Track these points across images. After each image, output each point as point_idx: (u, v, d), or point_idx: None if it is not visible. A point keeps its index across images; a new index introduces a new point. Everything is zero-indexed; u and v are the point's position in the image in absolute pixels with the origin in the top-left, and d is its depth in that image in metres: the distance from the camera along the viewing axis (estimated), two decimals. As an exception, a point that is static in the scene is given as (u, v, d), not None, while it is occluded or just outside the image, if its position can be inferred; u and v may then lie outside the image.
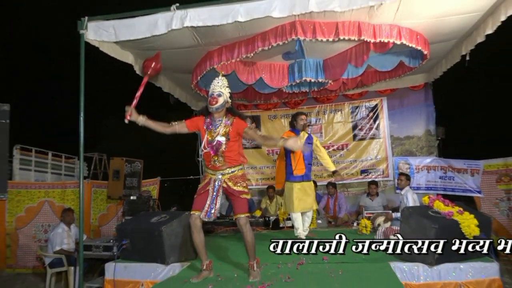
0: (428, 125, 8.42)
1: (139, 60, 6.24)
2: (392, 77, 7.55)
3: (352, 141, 8.82)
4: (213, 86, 3.72)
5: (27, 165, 8.38)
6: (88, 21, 5.00)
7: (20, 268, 7.25)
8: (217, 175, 3.70)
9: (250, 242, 3.68)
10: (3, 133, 4.27)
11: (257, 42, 5.39)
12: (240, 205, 3.71)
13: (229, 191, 3.70)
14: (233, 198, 3.73)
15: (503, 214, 6.75)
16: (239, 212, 3.68)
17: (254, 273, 3.64)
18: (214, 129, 3.68)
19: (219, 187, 3.69)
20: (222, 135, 3.64)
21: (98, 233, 7.97)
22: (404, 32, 5.42)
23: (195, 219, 3.70)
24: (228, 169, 3.69)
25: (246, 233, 3.67)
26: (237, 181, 3.70)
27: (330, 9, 4.45)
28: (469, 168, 7.22)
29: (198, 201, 3.73)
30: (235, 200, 3.72)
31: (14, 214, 7.39)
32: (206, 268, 3.79)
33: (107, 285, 4.19)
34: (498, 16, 4.84)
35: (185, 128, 3.82)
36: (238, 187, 3.68)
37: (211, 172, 3.75)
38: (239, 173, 3.75)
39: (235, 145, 3.71)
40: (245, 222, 3.66)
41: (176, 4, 4.75)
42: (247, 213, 3.74)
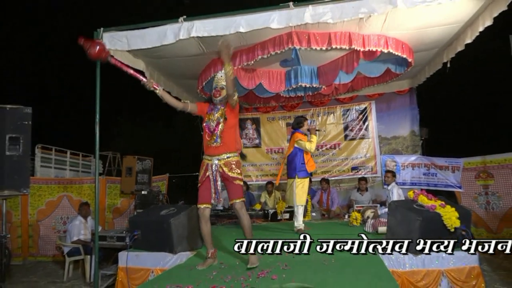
0: (412, 126, 8.42)
1: (150, 67, 6.25)
2: (380, 82, 7.54)
3: (343, 141, 8.81)
4: (217, 79, 3.74)
5: (47, 163, 8.37)
6: (104, 31, 5.00)
7: (41, 256, 7.25)
8: (213, 161, 3.65)
9: (247, 226, 3.63)
10: (26, 133, 4.26)
11: (257, 50, 5.39)
12: (235, 190, 3.64)
13: (224, 176, 3.63)
14: (228, 183, 3.66)
15: (481, 208, 6.74)
16: (234, 198, 3.63)
17: (253, 258, 3.57)
18: (214, 113, 3.70)
19: (216, 171, 3.64)
20: (219, 116, 3.66)
21: (112, 225, 7.97)
22: (391, 42, 5.42)
23: (203, 210, 3.68)
24: (223, 154, 3.64)
25: (242, 217, 3.61)
26: (231, 167, 3.63)
27: (323, 20, 4.45)
28: (450, 165, 7.22)
29: (203, 193, 3.70)
30: (230, 185, 3.65)
31: (35, 207, 7.39)
32: (211, 256, 3.77)
33: (120, 272, 4.19)
34: (477, 27, 4.84)
35: (195, 109, 3.81)
36: (232, 173, 3.61)
37: (208, 158, 3.70)
38: (233, 159, 3.67)
39: (232, 130, 3.70)
40: (240, 207, 3.61)
41: (183, 16, 4.75)
42: (242, 198, 3.65)
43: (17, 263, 6.96)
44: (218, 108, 3.71)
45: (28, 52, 21.75)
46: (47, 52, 21.60)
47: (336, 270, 3.36)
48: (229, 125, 3.66)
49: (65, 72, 21.60)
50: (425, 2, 4.19)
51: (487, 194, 6.73)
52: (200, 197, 3.72)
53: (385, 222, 4.68)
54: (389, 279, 3.09)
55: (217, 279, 3.27)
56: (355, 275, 3.20)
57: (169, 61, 5.98)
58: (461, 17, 4.95)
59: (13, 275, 6.11)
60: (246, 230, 3.65)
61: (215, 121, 3.65)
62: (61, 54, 21.39)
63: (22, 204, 7.28)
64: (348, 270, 3.34)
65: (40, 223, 7.36)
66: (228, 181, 3.65)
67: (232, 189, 3.66)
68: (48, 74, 21.92)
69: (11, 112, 4.19)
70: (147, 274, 4.10)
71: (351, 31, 5.17)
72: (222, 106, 3.72)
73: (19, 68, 21.31)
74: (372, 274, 3.20)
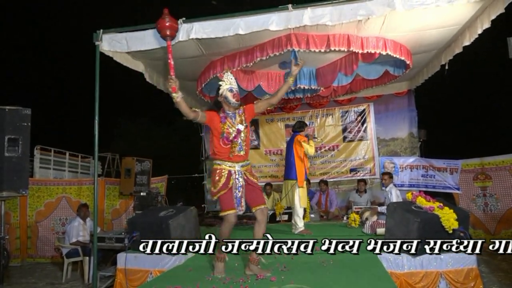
0: (411, 128, 8.44)
1: (149, 69, 6.25)
2: (378, 84, 7.55)
3: (342, 142, 8.82)
4: (232, 82, 3.49)
5: (46, 164, 8.35)
6: (103, 33, 4.99)
7: (40, 257, 7.23)
8: (236, 167, 3.43)
9: (265, 230, 3.49)
10: (25, 135, 4.25)
11: (256, 52, 5.40)
12: (260, 196, 3.57)
13: (249, 182, 3.49)
14: (253, 189, 3.50)
15: (479, 209, 6.74)
16: (262, 203, 3.50)
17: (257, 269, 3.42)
18: (232, 121, 3.44)
19: (242, 179, 3.45)
20: (239, 123, 3.45)
21: (110, 226, 7.95)
22: (389, 44, 5.43)
23: (233, 217, 3.43)
24: (246, 161, 3.52)
25: (264, 223, 3.46)
26: (252, 173, 3.57)
27: (322, 23, 4.46)
28: (448, 167, 7.22)
29: (229, 200, 3.41)
30: (255, 191, 3.52)
31: (34, 208, 7.37)
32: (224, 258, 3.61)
33: (119, 273, 4.19)
34: (475, 29, 4.86)
35: (204, 118, 3.44)
36: (255, 179, 3.55)
37: (229, 164, 3.42)
38: (250, 166, 3.62)
39: (248, 135, 3.57)
40: (266, 213, 3.54)
41: (182, 18, 4.75)
42: (265, 204, 3.58)
43: (15, 265, 6.93)
44: (235, 114, 3.48)
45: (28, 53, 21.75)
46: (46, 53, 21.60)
47: (335, 272, 3.36)
48: (248, 130, 3.53)
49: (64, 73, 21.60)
50: (423, 4, 4.20)
51: (485, 195, 6.73)
52: (226, 203, 3.42)
53: (383, 224, 4.68)
54: (388, 280, 3.09)
55: (215, 281, 3.27)
56: (353, 276, 3.20)
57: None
58: (459, 20, 4.97)
59: (11, 276, 6.09)
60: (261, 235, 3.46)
61: (235, 128, 3.42)
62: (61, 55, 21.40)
63: (20, 205, 7.26)
64: (346, 272, 3.34)
65: (38, 224, 7.34)
66: (253, 187, 3.51)
67: (258, 195, 3.54)
68: (47, 75, 21.91)
69: (10, 113, 4.19)
70: (145, 276, 4.09)
71: (349, 33, 5.18)
72: (239, 111, 3.51)
73: (18, 69, 21.31)
74: (371, 275, 3.20)
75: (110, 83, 7.27)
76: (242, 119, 3.48)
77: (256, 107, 3.54)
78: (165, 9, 4.08)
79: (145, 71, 6.10)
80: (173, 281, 3.33)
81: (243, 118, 3.48)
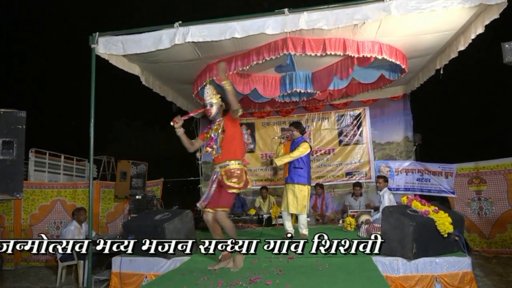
0: (406, 132, 8.46)
1: (145, 72, 6.24)
2: (374, 88, 7.58)
3: (338, 146, 8.83)
4: (205, 97, 3.86)
5: (41, 167, 8.29)
6: (99, 36, 4.99)
7: (34, 261, 7.16)
8: (216, 168, 3.78)
9: (230, 233, 3.69)
10: (20, 137, 4.23)
11: (252, 56, 5.41)
12: (223, 198, 3.69)
13: (221, 183, 3.72)
14: (220, 190, 3.73)
15: (474, 213, 6.77)
16: (218, 205, 3.67)
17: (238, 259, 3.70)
18: (212, 128, 3.86)
19: (215, 178, 3.77)
20: (216, 129, 3.79)
21: (106, 230, 7.91)
22: (385, 48, 5.46)
23: (205, 213, 3.77)
24: (225, 162, 3.71)
25: (223, 225, 3.70)
26: (230, 176, 3.67)
27: (318, 27, 4.49)
28: (443, 171, 7.25)
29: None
30: (221, 192, 3.71)
31: (28, 212, 7.32)
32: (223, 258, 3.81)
33: (113, 277, 4.16)
34: (469, 34, 4.90)
35: (201, 141, 3.96)
36: (229, 181, 3.65)
37: (214, 166, 3.84)
38: (234, 167, 3.71)
39: (233, 137, 3.75)
40: (221, 216, 3.65)
41: (179, 21, 4.76)
42: (226, 208, 3.69)
43: (9, 268, 6.87)
44: (214, 123, 3.86)
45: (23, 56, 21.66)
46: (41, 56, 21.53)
47: (330, 275, 3.36)
48: (228, 134, 3.73)
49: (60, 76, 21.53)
50: (418, 9, 4.24)
51: (480, 199, 6.76)
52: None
53: (379, 228, 4.68)
54: (383, 284, 3.09)
55: (209, 285, 3.25)
56: (349, 280, 3.20)
57: (164, 66, 5.98)
58: (454, 25, 5.01)
59: (5, 280, 6.04)
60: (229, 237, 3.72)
61: (213, 134, 3.79)
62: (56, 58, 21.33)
63: (15, 209, 7.21)
64: (342, 275, 3.34)
65: (33, 228, 7.28)
66: (222, 188, 3.72)
67: (221, 196, 3.70)
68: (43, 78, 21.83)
69: (5, 116, 4.16)
70: (140, 280, 4.07)
71: (345, 38, 5.20)
72: (219, 119, 3.85)
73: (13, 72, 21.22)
74: (366, 279, 3.20)
75: (106, 86, 7.25)
76: (220, 125, 3.80)
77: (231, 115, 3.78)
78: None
79: (141, 74, 6.09)
80: (168, 285, 3.32)
81: (221, 125, 3.79)
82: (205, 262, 3.95)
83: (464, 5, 4.24)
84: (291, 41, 5.05)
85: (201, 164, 9.42)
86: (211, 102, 3.80)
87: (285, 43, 5.06)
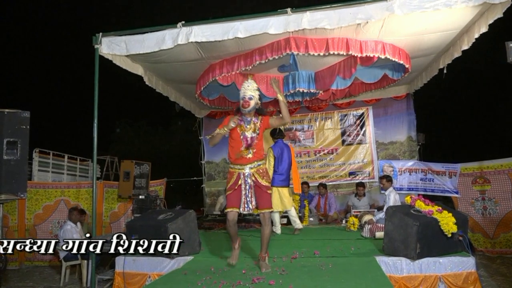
0: (409, 132, 8.44)
1: (148, 72, 6.25)
2: (377, 88, 7.57)
3: (341, 146, 8.82)
4: (244, 90, 3.72)
5: (45, 167, 8.33)
6: (102, 36, 5.00)
7: (38, 261, 7.20)
8: (245, 169, 3.68)
9: (268, 236, 3.70)
10: (24, 138, 4.24)
11: (255, 56, 5.41)
12: (267, 200, 3.69)
13: (257, 184, 3.68)
14: (260, 192, 3.69)
15: (478, 213, 6.74)
16: (265, 207, 3.67)
17: (265, 265, 3.67)
18: (245, 126, 3.71)
19: (250, 180, 3.69)
20: (253, 131, 3.69)
21: (109, 229, 7.93)
22: (388, 48, 5.44)
23: (233, 215, 3.70)
24: (255, 162, 3.69)
25: (267, 227, 3.68)
26: (263, 175, 3.70)
27: (321, 26, 4.48)
28: (447, 170, 7.22)
29: (233, 199, 3.70)
30: (262, 194, 3.69)
31: (32, 211, 7.36)
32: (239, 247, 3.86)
33: (117, 277, 4.17)
34: (473, 33, 4.88)
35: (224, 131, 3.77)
36: (264, 182, 3.68)
37: (239, 167, 3.70)
38: (264, 167, 3.75)
39: (261, 141, 3.75)
40: (268, 217, 3.68)
41: (182, 21, 4.76)
42: (272, 208, 3.75)
43: (13, 268, 6.91)
44: (249, 121, 3.72)
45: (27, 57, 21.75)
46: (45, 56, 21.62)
47: (334, 275, 3.35)
48: (260, 137, 3.72)
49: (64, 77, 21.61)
50: (421, 8, 4.21)
51: (484, 199, 6.73)
52: (230, 201, 3.73)
53: (382, 227, 4.66)
54: (387, 284, 3.08)
55: (212, 284, 3.25)
56: (352, 280, 3.19)
57: (167, 66, 5.99)
58: (458, 24, 4.99)
59: (9, 279, 6.07)
60: (265, 240, 3.71)
61: (248, 136, 3.68)
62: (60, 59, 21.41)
63: (19, 208, 7.25)
64: (345, 275, 3.33)
65: (37, 228, 7.32)
66: (261, 190, 3.68)
67: (264, 198, 3.69)
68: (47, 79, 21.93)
69: (9, 116, 4.18)
70: (144, 279, 4.07)
71: (348, 37, 5.19)
72: (253, 119, 3.74)
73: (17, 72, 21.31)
74: (370, 279, 3.19)
75: (109, 86, 7.27)
76: (256, 127, 3.71)
77: (270, 122, 3.77)
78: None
79: (144, 74, 6.10)
80: (171, 285, 3.32)
81: (257, 127, 3.71)
82: (208, 262, 3.96)
83: (468, 4, 4.21)
84: (294, 41, 5.05)
85: (204, 164, 9.42)
86: (251, 95, 3.67)
87: (288, 43, 5.06)
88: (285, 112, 3.65)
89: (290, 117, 3.68)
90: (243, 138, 3.67)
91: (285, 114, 3.65)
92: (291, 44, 5.04)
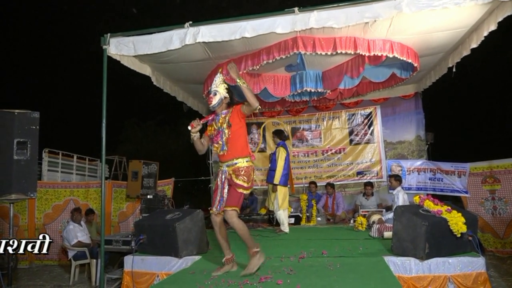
0: (418, 131, 8.37)
1: (156, 72, 6.28)
2: (385, 87, 7.51)
3: (348, 145, 8.79)
4: (212, 85, 3.66)
5: (54, 167, 8.42)
6: (110, 37, 5.02)
7: (48, 260, 7.28)
8: (223, 167, 3.56)
9: (241, 233, 3.46)
10: (34, 138, 4.29)
11: (262, 55, 5.40)
12: (232, 197, 3.48)
13: (230, 182, 3.52)
14: (230, 189, 3.52)
15: (488, 213, 6.68)
16: (228, 204, 3.46)
17: (254, 262, 3.43)
18: (216, 122, 3.60)
19: (225, 178, 3.55)
20: (221, 124, 3.54)
21: (118, 229, 7.99)
22: (396, 46, 5.40)
23: (213, 217, 3.57)
24: (232, 160, 3.50)
25: (233, 226, 3.44)
26: (239, 174, 3.47)
27: (328, 25, 4.45)
28: (456, 170, 7.16)
29: (213, 200, 3.60)
30: (230, 190, 3.51)
31: (42, 211, 7.44)
32: (226, 262, 3.63)
33: (125, 276, 4.20)
34: (482, 31, 4.82)
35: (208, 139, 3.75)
36: (238, 180, 3.46)
37: (220, 164, 3.61)
38: (243, 165, 3.49)
39: (239, 133, 3.52)
40: (230, 216, 3.43)
41: (189, 22, 4.77)
42: (235, 207, 3.45)
43: (23, 267, 7.00)
44: (219, 116, 3.59)
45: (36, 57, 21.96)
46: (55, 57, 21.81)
47: (342, 275, 3.34)
48: (234, 130, 3.50)
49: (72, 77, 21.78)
50: (430, 6, 4.17)
51: (493, 199, 6.67)
52: (212, 201, 3.63)
53: (391, 227, 4.64)
54: (395, 284, 3.06)
55: (220, 284, 3.26)
56: (360, 280, 3.18)
57: (175, 66, 6.01)
58: (466, 22, 4.93)
59: (19, 278, 6.14)
60: (242, 238, 3.50)
61: (217, 130, 3.56)
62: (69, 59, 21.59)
63: (29, 208, 7.33)
64: (353, 275, 3.32)
65: (46, 227, 7.40)
66: (231, 187, 3.53)
67: (230, 195, 3.51)
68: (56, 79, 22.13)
69: (19, 117, 4.23)
70: (152, 278, 4.09)
71: (356, 36, 5.15)
72: (224, 113, 3.59)
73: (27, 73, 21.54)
74: (378, 279, 3.18)
75: (117, 87, 7.31)
76: (225, 119, 3.54)
77: (242, 109, 3.52)
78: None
79: (152, 75, 6.13)
80: (179, 284, 3.33)
81: (227, 119, 3.54)
82: (216, 262, 3.96)
83: (477, 2, 4.15)
84: (301, 40, 5.03)
85: (211, 163, 9.44)
86: (215, 91, 3.56)
87: (295, 42, 5.04)
88: (249, 96, 3.36)
89: (257, 101, 3.39)
90: (216, 135, 3.55)
91: (250, 99, 3.37)
92: (299, 43, 5.02)
